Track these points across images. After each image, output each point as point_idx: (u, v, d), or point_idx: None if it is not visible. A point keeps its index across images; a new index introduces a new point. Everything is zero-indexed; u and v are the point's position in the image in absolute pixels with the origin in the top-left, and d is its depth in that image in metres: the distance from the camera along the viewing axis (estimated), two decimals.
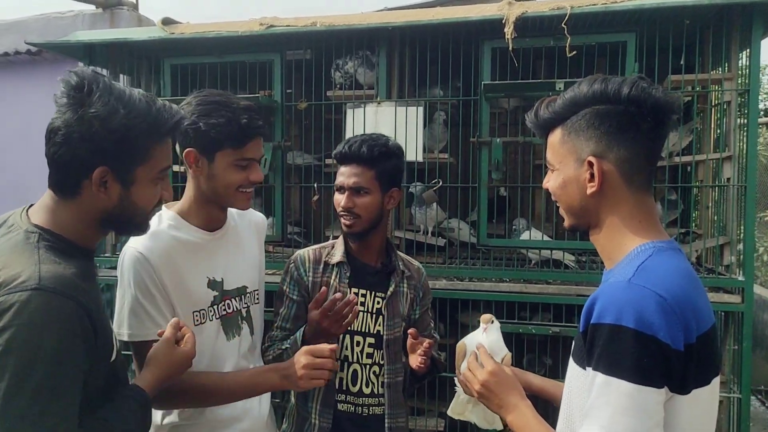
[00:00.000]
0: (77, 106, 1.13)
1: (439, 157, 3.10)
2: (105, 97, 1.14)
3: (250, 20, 3.03)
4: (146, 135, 1.19)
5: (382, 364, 1.88)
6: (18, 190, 6.15)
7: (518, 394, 1.32)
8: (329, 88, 3.24)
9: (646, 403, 0.98)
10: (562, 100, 1.17)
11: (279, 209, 3.16)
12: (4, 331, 1.03)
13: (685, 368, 1.01)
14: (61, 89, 1.15)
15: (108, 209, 1.21)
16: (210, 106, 1.56)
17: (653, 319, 0.98)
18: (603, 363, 1.01)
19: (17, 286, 1.06)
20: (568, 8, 2.61)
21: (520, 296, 2.80)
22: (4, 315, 1.04)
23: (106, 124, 1.13)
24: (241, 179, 1.59)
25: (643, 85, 1.10)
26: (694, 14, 2.71)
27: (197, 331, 1.56)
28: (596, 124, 1.12)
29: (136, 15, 5.53)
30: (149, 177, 1.23)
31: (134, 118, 1.16)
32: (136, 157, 1.20)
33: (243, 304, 1.73)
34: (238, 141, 1.56)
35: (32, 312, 1.05)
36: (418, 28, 2.91)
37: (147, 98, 1.20)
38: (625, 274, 1.05)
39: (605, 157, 1.12)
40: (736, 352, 2.69)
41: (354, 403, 1.86)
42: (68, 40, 3.30)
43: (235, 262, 1.72)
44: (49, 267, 1.11)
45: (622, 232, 1.14)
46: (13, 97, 6.03)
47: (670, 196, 3.03)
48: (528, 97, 3.19)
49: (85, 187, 1.18)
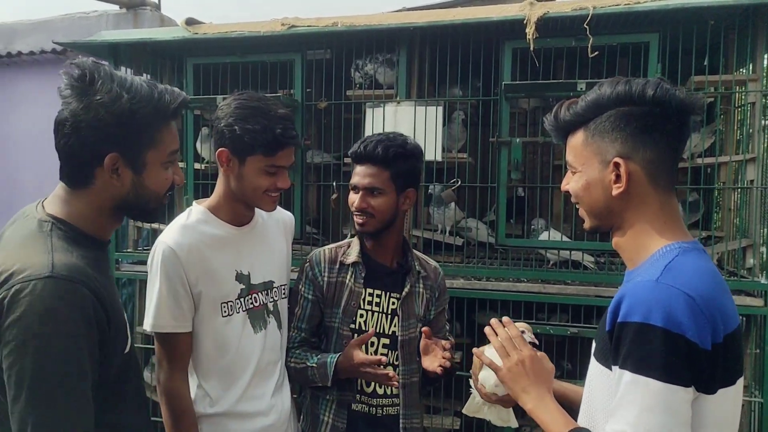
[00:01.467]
0: (82, 96, 1.15)
1: (458, 156, 3.10)
2: (108, 84, 1.16)
3: (272, 20, 3.05)
4: (152, 118, 1.20)
5: (396, 365, 1.87)
6: (43, 187, 6.27)
7: (549, 387, 1.28)
8: (349, 88, 3.26)
9: (674, 402, 0.98)
10: (584, 102, 1.17)
11: (298, 208, 3.19)
12: (20, 320, 1.05)
13: (712, 368, 1.01)
14: (65, 81, 1.17)
15: (122, 196, 1.22)
16: (248, 110, 1.59)
17: (682, 318, 0.98)
18: (631, 361, 1.01)
19: (31, 274, 1.07)
20: (590, 8, 2.60)
21: (538, 296, 2.79)
22: (19, 303, 1.05)
23: (112, 110, 1.15)
24: (269, 185, 1.63)
25: (666, 87, 1.10)
26: (719, 14, 2.68)
27: (224, 322, 1.61)
28: (621, 126, 1.12)
29: (159, 15, 5.60)
30: (159, 160, 1.25)
31: (138, 102, 1.17)
32: (144, 141, 1.21)
33: (269, 298, 1.76)
34: (270, 149, 1.60)
35: (46, 299, 1.06)
36: (438, 29, 2.91)
37: (149, 83, 1.22)
38: (652, 274, 1.05)
39: (631, 158, 1.12)
40: (757, 355, 2.66)
41: (368, 404, 1.86)
42: (94, 40, 3.35)
43: (262, 258, 1.76)
44: (61, 255, 1.12)
45: (647, 233, 1.14)
46: (38, 96, 6.14)
47: (691, 198, 3.00)
48: (548, 98, 3.18)
49: (98, 175, 1.20)
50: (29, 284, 1.06)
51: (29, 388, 1.05)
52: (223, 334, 1.65)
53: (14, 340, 1.05)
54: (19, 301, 1.05)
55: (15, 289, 1.06)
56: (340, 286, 1.85)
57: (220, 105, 1.63)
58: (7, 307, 1.06)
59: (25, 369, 1.05)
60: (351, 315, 1.85)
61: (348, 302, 1.84)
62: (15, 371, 1.05)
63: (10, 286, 1.07)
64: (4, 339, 1.06)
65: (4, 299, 1.06)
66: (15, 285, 1.07)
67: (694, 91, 2.85)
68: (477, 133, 3.29)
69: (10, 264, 1.10)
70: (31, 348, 1.05)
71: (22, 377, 1.05)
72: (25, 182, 6.28)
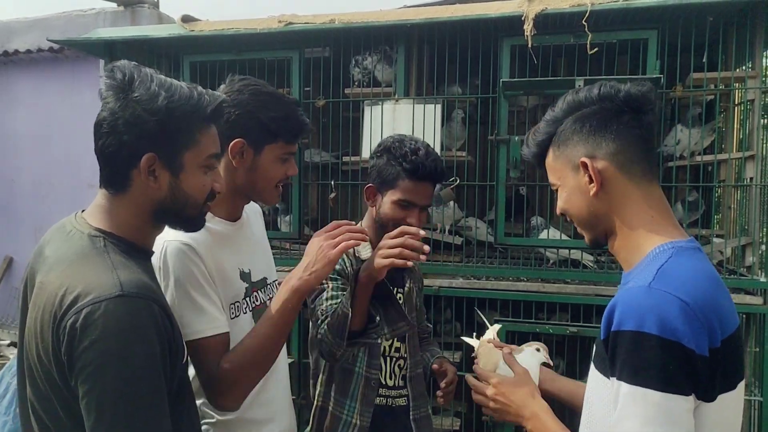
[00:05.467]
0: (120, 94, 1.14)
1: (457, 155, 3.09)
2: (147, 83, 1.15)
3: (269, 18, 3.04)
4: (189, 117, 1.18)
5: (405, 357, 1.91)
6: (39, 187, 6.25)
7: (530, 395, 1.30)
8: (347, 86, 3.25)
9: (675, 412, 0.96)
10: (544, 122, 1.22)
11: (296, 207, 3.17)
12: (96, 343, 1.01)
13: (711, 374, 0.98)
14: (105, 83, 1.16)
15: (159, 200, 1.19)
16: (266, 97, 1.54)
17: (676, 324, 0.96)
18: (627, 372, 0.98)
19: (100, 295, 1.04)
20: (588, 5, 2.59)
21: (537, 296, 2.78)
22: (94, 326, 1.02)
23: (149, 107, 1.13)
24: (281, 174, 1.58)
25: (611, 83, 1.14)
26: (718, 11, 2.67)
27: (233, 323, 1.52)
28: (578, 128, 1.15)
29: (157, 12, 5.58)
30: (197, 163, 1.22)
31: (176, 100, 1.16)
32: (181, 141, 1.19)
33: (266, 295, 1.70)
34: (293, 136, 1.56)
35: (120, 319, 1.03)
36: (436, 26, 2.90)
37: (188, 85, 1.21)
38: (645, 279, 1.02)
39: (596, 155, 1.13)
40: (757, 354, 2.65)
41: (385, 396, 1.88)
42: (89, 38, 3.34)
43: (256, 254, 1.70)
44: (124, 272, 1.09)
45: (637, 230, 1.12)
46: (35, 95, 6.12)
47: (690, 197, 2.99)
48: (548, 95, 3.16)
49: (135, 177, 1.17)
50: (101, 305, 1.03)
51: (113, 411, 1.02)
52: (232, 337, 1.51)
53: (91, 365, 1.02)
54: (93, 323, 1.02)
55: (86, 311, 1.02)
56: None
57: (225, 94, 1.51)
58: (80, 331, 1.02)
59: (106, 392, 1.02)
60: None
61: None
62: (96, 395, 1.02)
63: (79, 309, 1.03)
64: (79, 364, 1.03)
65: (75, 323, 1.02)
66: (85, 308, 1.03)
67: (693, 88, 2.85)
68: (477, 131, 3.28)
69: (72, 285, 1.06)
70: (111, 370, 1.02)
71: (103, 401, 1.02)
72: (23, 181, 6.27)
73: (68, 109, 5.88)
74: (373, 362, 1.83)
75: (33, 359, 1.10)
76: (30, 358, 1.11)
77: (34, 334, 1.09)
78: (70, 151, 5.84)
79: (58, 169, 5.97)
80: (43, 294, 1.10)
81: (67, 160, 5.88)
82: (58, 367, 1.06)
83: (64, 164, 5.92)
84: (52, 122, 6.01)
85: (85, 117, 5.70)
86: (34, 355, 1.10)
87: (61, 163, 5.94)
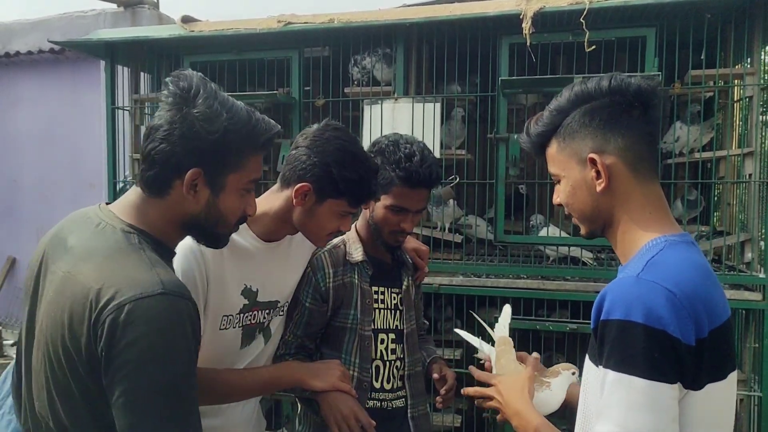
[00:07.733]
0: (182, 106, 1.14)
1: (457, 153, 3.10)
2: (210, 100, 1.15)
3: (269, 18, 3.05)
4: (244, 142, 1.19)
5: (402, 358, 1.89)
6: (41, 187, 6.27)
7: (523, 392, 1.32)
8: (347, 85, 3.25)
9: (660, 399, 0.97)
10: (548, 111, 1.19)
11: None
12: (139, 340, 1.02)
13: (697, 363, 0.99)
14: (169, 89, 1.16)
15: (194, 213, 1.20)
16: (348, 155, 1.54)
17: (662, 313, 0.97)
18: (613, 359, 1.00)
19: (143, 292, 1.04)
20: (586, 3, 2.59)
21: (537, 293, 2.79)
22: (138, 322, 1.02)
23: (208, 125, 1.14)
24: (334, 227, 1.60)
25: (621, 76, 1.12)
26: (716, 8, 2.68)
27: (219, 336, 1.55)
28: (587, 122, 1.13)
29: (157, 13, 5.60)
30: (238, 186, 1.23)
31: (235, 123, 1.17)
32: (230, 163, 1.20)
33: (268, 317, 1.70)
34: (358, 201, 1.58)
35: (162, 317, 1.04)
36: (435, 24, 2.91)
37: (248, 109, 1.21)
38: (635, 270, 1.04)
39: (605, 151, 1.12)
40: (756, 350, 2.66)
41: (380, 399, 1.86)
42: (90, 39, 3.35)
43: (277, 276, 1.69)
44: (163, 270, 1.11)
45: (634, 226, 1.13)
46: (36, 96, 6.14)
47: (690, 196, 2.99)
48: (546, 93, 3.17)
49: (176, 187, 1.17)
50: (143, 302, 1.03)
51: (155, 407, 1.03)
52: (213, 348, 1.55)
53: (135, 361, 1.02)
54: (137, 320, 1.02)
55: (128, 308, 1.03)
56: (348, 287, 1.82)
57: (310, 134, 1.56)
58: (122, 328, 1.02)
59: (148, 388, 1.03)
60: (370, 314, 1.84)
61: (363, 301, 1.83)
62: (136, 391, 1.03)
63: (120, 305, 1.03)
64: (118, 360, 1.03)
65: (117, 319, 1.02)
66: (127, 304, 1.03)
67: (692, 85, 2.85)
68: (476, 129, 3.29)
69: (110, 280, 1.06)
70: (155, 367, 1.03)
71: (145, 396, 1.03)
72: (25, 182, 6.29)
73: (69, 110, 5.90)
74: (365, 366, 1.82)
75: (54, 347, 1.09)
76: (49, 344, 1.10)
77: (60, 324, 1.08)
78: (72, 151, 5.86)
79: (60, 169, 6.00)
80: (73, 285, 1.09)
81: (68, 161, 5.90)
82: (92, 361, 1.06)
83: (65, 164, 5.95)
84: (54, 123, 6.03)
85: (86, 117, 5.74)
86: (58, 345, 1.08)
87: (62, 163, 5.97)
